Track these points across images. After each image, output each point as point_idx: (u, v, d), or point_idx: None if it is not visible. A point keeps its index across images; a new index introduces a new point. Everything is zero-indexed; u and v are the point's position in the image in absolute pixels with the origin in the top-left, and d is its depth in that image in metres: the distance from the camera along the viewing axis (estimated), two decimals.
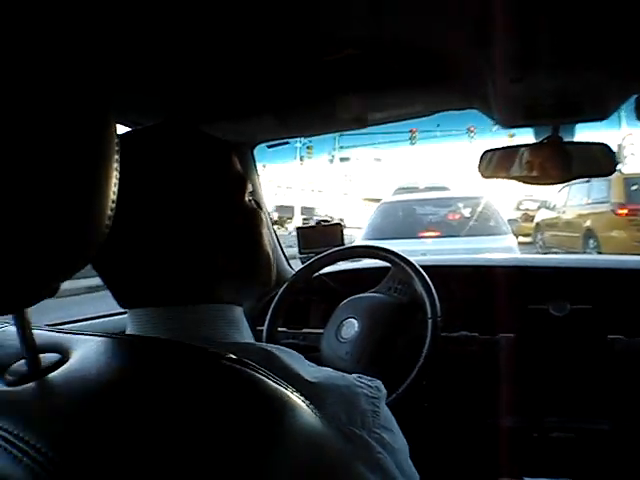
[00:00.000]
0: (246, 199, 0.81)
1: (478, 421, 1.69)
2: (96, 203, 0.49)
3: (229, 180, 0.79)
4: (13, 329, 0.66)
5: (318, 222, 1.91)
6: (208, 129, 0.82)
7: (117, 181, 0.50)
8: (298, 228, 1.96)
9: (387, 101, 1.27)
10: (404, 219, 6.35)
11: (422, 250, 4.40)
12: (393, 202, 6.89)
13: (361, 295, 1.58)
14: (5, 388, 0.51)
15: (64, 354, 0.54)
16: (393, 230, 5.87)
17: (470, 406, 1.70)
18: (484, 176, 1.49)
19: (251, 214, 0.81)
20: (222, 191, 0.77)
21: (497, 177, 1.50)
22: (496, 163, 1.48)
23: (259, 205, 0.84)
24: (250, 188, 0.82)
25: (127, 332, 0.75)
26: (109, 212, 0.50)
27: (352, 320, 1.50)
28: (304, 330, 1.72)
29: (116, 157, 0.50)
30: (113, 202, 0.50)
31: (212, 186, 0.76)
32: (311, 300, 1.89)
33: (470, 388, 1.70)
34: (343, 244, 1.85)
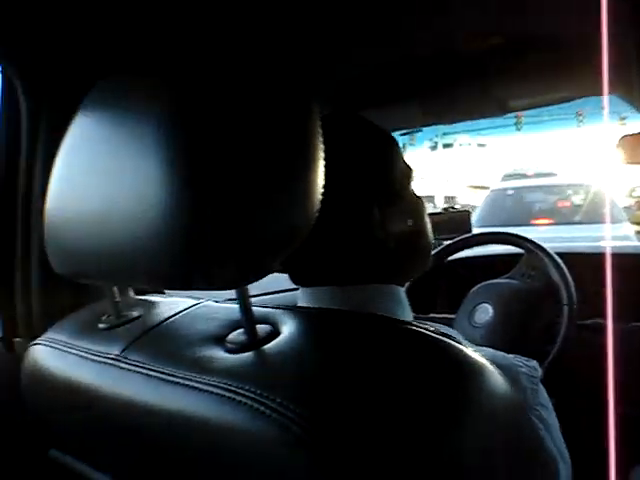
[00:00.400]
0: (412, 187, 0.86)
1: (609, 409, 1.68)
2: (310, 187, 0.55)
3: (400, 169, 0.84)
4: (212, 304, 0.74)
5: (446, 209, 1.93)
6: None
7: (322, 167, 0.57)
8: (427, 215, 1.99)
9: (530, 89, 1.29)
10: (514, 206, 6.23)
11: (536, 238, 4.31)
12: (503, 189, 6.76)
13: (494, 281, 1.60)
14: (227, 355, 0.58)
15: (274, 326, 0.61)
16: (504, 217, 5.78)
17: (602, 394, 1.69)
18: (622, 162, 1.47)
19: (417, 201, 0.86)
20: (394, 179, 0.82)
21: (633, 163, 1.48)
22: (632, 148, 1.46)
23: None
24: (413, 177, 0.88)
25: None
26: (319, 196, 0.56)
27: (485, 305, 1.52)
28: (431, 315, 1.76)
29: (321, 146, 0.56)
30: (321, 187, 0.56)
31: (386, 174, 0.81)
32: (438, 285, 1.92)
33: (602, 376, 1.68)
34: (471, 231, 1.87)
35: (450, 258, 1.80)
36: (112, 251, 0.60)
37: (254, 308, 0.64)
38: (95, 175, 0.62)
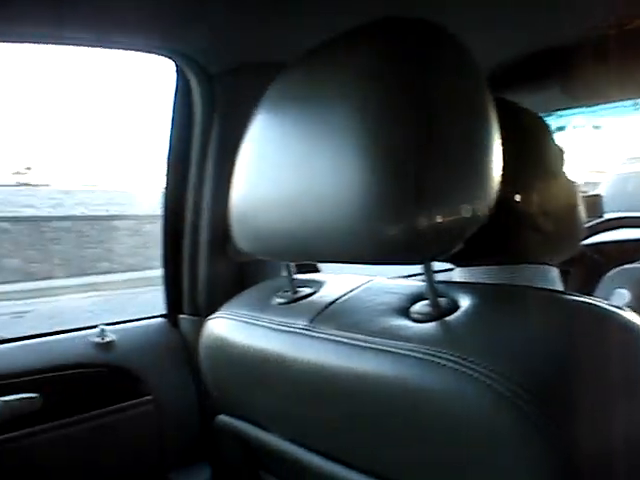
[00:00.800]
0: (565, 170, 0.89)
1: None
2: (492, 171, 0.60)
3: (554, 151, 0.87)
4: (384, 280, 0.80)
5: None
6: None
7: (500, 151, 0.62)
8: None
9: None
10: (636, 191, 5.96)
11: None
12: (625, 173, 6.48)
13: (631, 266, 1.58)
14: (414, 324, 0.64)
15: (453, 300, 0.65)
16: (626, 203, 5.54)
17: None
18: None
19: (571, 184, 0.89)
20: (549, 161, 0.86)
21: None
22: None
23: None
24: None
25: None
26: (498, 179, 0.61)
27: (622, 290, 1.51)
28: None
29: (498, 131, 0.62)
30: (500, 171, 0.61)
31: (542, 157, 0.85)
32: (567, 270, 1.90)
33: None
34: (602, 215, 1.85)
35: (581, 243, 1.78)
36: (303, 231, 0.67)
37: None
38: (286, 161, 0.69)
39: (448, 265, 0.91)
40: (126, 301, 7.21)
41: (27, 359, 1.17)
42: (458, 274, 0.88)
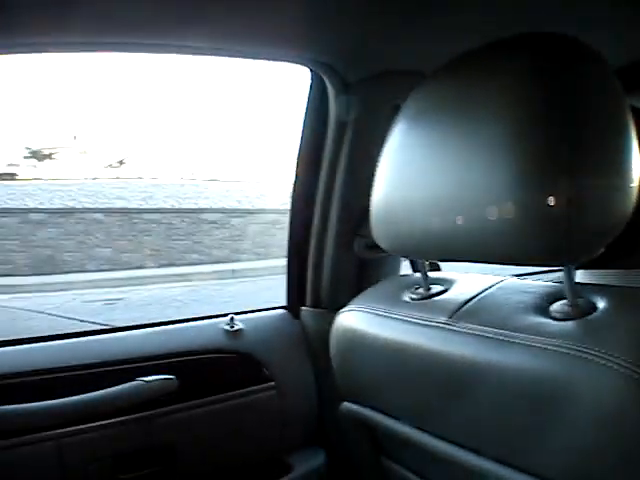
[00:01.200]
0: None
1: None
2: (634, 178, 0.63)
3: None
4: (515, 280, 0.84)
5: None
6: None
7: None
8: None
9: None
10: None
11: None
12: None
13: None
14: (555, 322, 0.68)
15: (589, 300, 0.69)
16: None
17: None
18: None
19: None
20: None
21: None
22: None
23: None
24: None
25: None
26: (637, 186, 0.64)
27: None
28: None
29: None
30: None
31: None
32: None
33: None
34: None
35: None
36: (444, 232, 0.72)
37: (559, 285, 0.73)
38: (429, 166, 0.74)
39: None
40: (213, 292, 7.40)
41: (163, 343, 1.27)
42: (580, 276, 0.91)
